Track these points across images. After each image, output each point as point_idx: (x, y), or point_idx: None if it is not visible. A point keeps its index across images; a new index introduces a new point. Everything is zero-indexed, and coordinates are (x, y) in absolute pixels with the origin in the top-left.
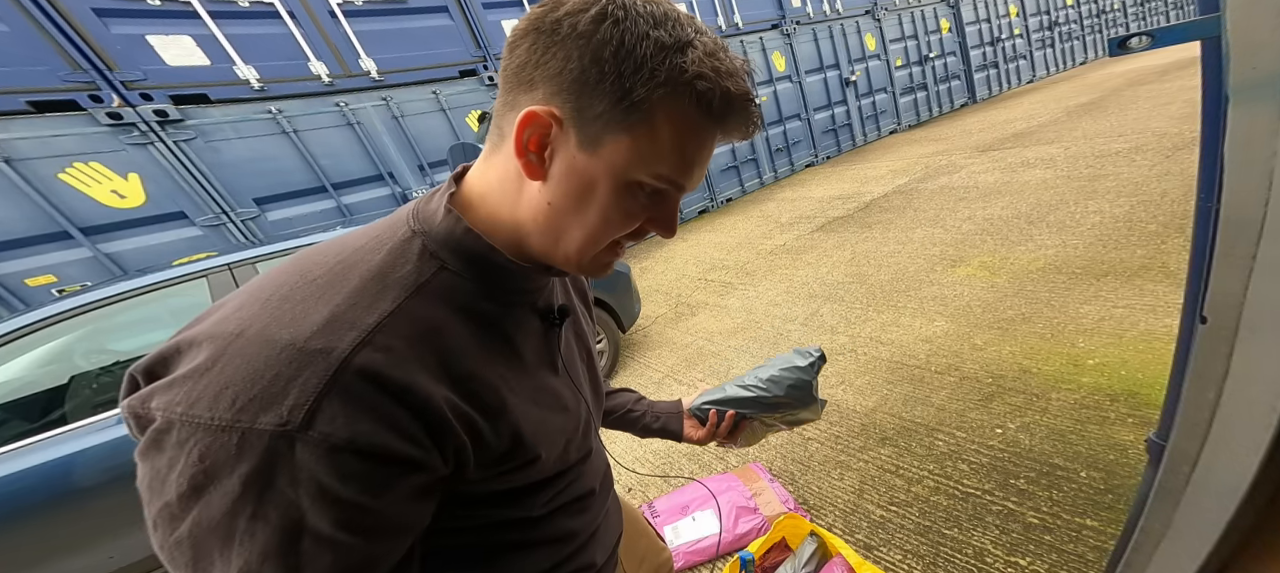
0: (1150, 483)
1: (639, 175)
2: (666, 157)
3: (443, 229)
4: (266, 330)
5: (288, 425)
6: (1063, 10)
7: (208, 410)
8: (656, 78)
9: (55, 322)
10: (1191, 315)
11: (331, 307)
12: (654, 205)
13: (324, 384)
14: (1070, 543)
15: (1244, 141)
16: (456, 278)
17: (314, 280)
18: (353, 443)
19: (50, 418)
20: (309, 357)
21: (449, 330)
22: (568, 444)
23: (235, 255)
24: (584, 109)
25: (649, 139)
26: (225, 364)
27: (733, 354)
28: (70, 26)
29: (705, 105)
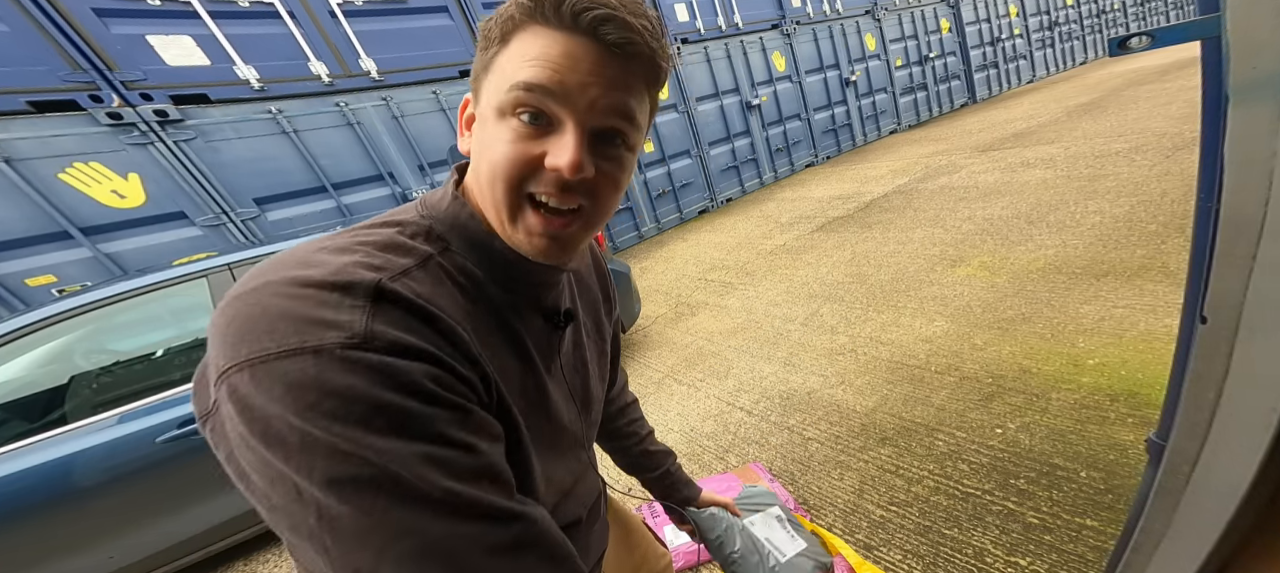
0: (1150, 483)
1: (500, 98)
2: (515, 67)
3: (448, 213)
4: (290, 275)
5: (353, 338)
6: (1063, 10)
7: (270, 341)
8: (507, 12)
9: (55, 322)
10: (1191, 315)
11: (350, 258)
12: (542, 135)
13: (367, 305)
14: (1070, 543)
15: (1244, 141)
16: (460, 257)
17: (325, 247)
18: (413, 348)
19: (50, 418)
20: (343, 287)
21: (454, 303)
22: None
23: (235, 255)
24: (475, 75)
25: (503, 65)
26: (263, 306)
27: (733, 354)
28: (70, 26)
29: (539, 6)
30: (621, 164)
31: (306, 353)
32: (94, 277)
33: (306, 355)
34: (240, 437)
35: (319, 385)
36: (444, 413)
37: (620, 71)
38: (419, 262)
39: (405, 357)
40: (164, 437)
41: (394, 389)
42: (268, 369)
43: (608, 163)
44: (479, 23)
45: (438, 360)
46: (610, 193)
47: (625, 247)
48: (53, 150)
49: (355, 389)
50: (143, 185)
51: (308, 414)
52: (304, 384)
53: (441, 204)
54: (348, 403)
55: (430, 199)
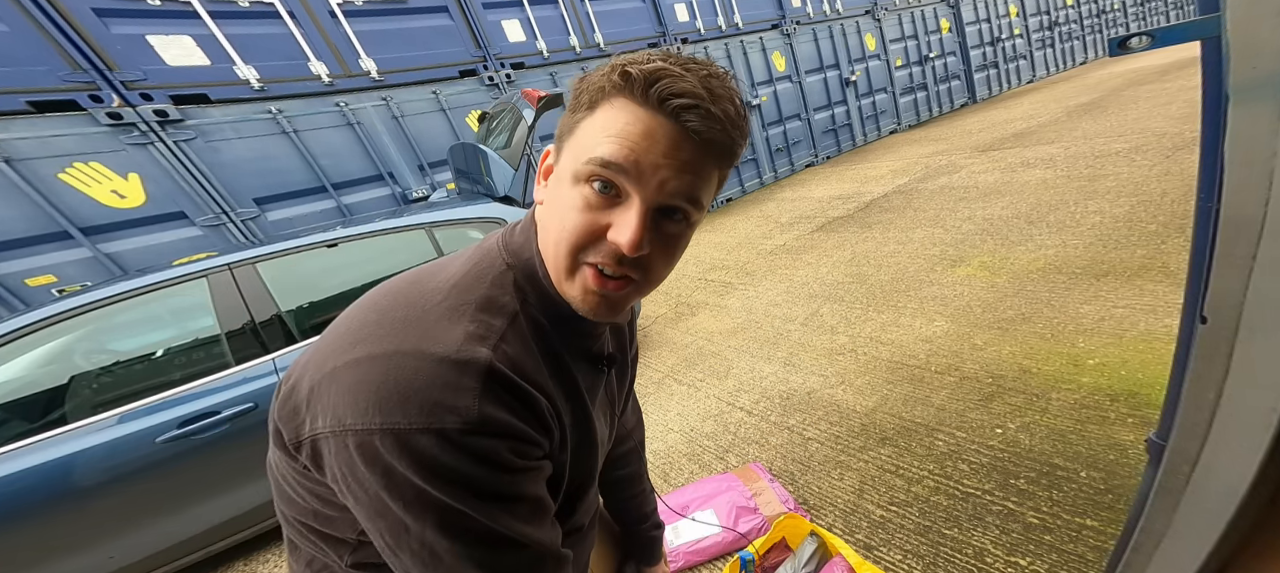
0: (1150, 483)
1: (578, 165)
2: (596, 139)
3: (528, 266)
4: (420, 347)
5: (468, 424)
6: (1063, 10)
7: (402, 417)
8: (600, 82)
9: (55, 322)
10: (1191, 315)
11: (464, 329)
12: (608, 207)
13: (479, 387)
14: (1070, 543)
15: (1244, 141)
16: (534, 312)
17: (439, 306)
18: (508, 428)
19: (50, 418)
20: (462, 366)
21: (534, 353)
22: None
23: (235, 255)
24: (560, 133)
25: (587, 132)
26: (395, 378)
27: (733, 354)
28: (70, 26)
29: (629, 84)
30: (679, 238)
31: (432, 433)
32: (94, 277)
33: (432, 435)
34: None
35: (439, 461)
36: (521, 477)
37: (694, 156)
38: (509, 320)
39: (499, 436)
40: (164, 437)
41: (490, 466)
42: (398, 440)
43: (665, 236)
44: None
45: (524, 436)
46: (663, 264)
47: None
48: (53, 150)
49: (463, 468)
50: (143, 185)
51: (427, 479)
52: (427, 458)
53: (523, 253)
54: (459, 474)
55: (514, 243)
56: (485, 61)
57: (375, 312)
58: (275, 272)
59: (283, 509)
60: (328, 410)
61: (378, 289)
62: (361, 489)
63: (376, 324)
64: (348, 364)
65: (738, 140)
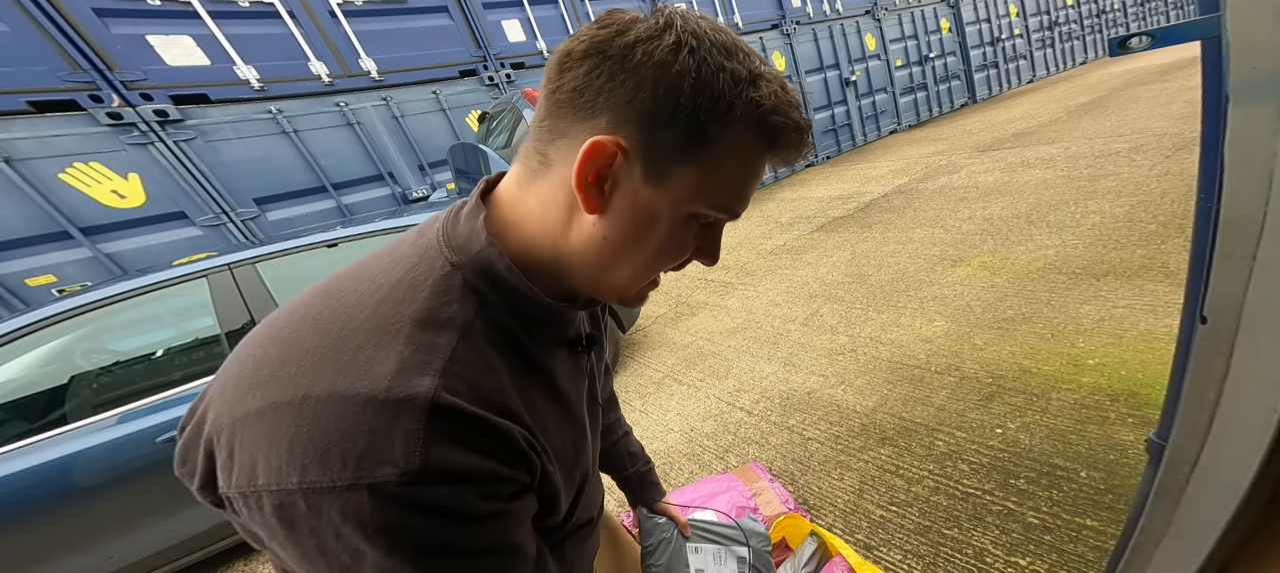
0: (1150, 483)
1: (700, 207)
2: (727, 187)
3: (482, 261)
4: (336, 390)
5: (407, 475)
6: (1063, 10)
7: (322, 474)
8: (733, 112)
9: (55, 322)
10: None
11: (397, 356)
12: (703, 235)
13: (423, 429)
14: (1070, 543)
15: (1244, 141)
16: (497, 313)
17: (360, 327)
18: (463, 472)
19: (50, 418)
20: (396, 405)
21: (497, 368)
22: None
23: (235, 255)
24: (654, 142)
25: (714, 171)
26: (309, 429)
27: (733, 354)
28: (70, 26)
29: (769, 137)
30: None
31: (361, 490)
32: (94, 277)
33: (361, 491)
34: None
35: (375, 522)
36: (490, 525)
37: None
38: (461, 334)
39: (456, 482)
40: (164, 437)
41: (445, 518)
42: (320, 500)
43: None
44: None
45: (486, 476)
46: None
47: None
48: (53, 150)
49: (409, 526)
50: (143, 185)
51: (368, 542)
52: (361, 520)
53: (471, 246)
54: (402, 536)
55: (456, 237)
56: (485, 61)
57: (277, 344)
58: (275, 272)
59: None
60: (236, 467)
61: (281, 311)
62: (290, 551)
63: (280, 361)
64: (249, 416)
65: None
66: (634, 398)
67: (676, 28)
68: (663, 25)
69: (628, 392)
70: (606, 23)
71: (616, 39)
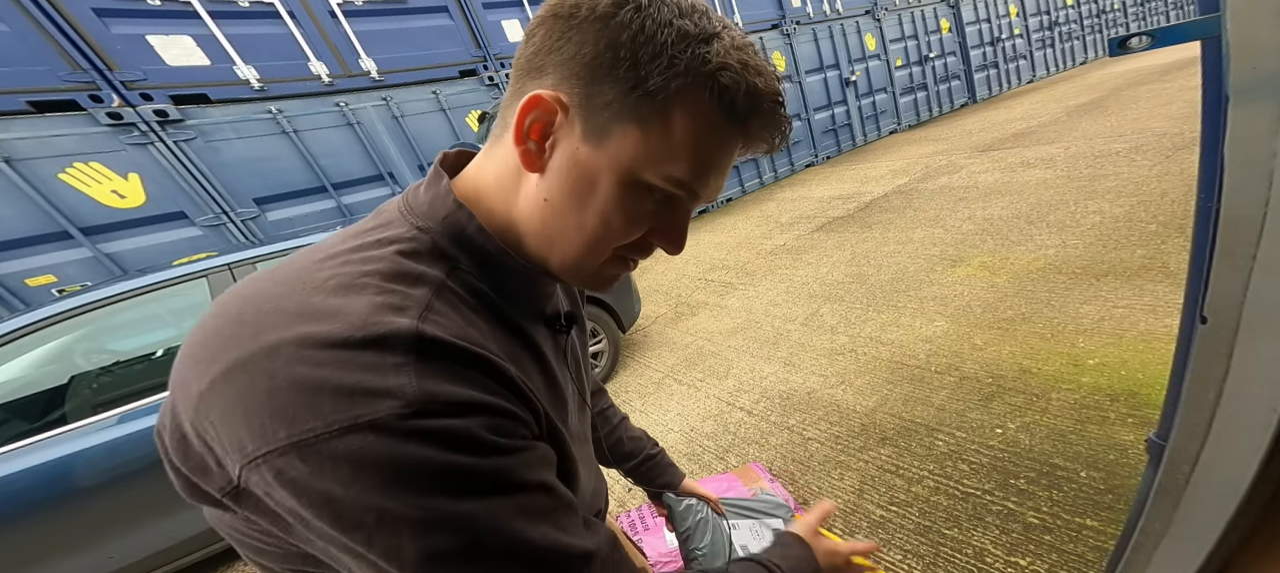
0: (1150, 483)
1: (647, 174)
2: (679, 156)
3: (451, 225)
4: (305, 333)
5: (410, 406)
6: (1063, 10)
7: (314, 420)
8: (676, 66)
9: (55, 322)
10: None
11: (368, 299)
12: (661, 213)
13: (411, 362)
14: (1070, 543)
15: (1244, 141)
16: (470, 277)
17: (323, 286)
18: (470, 402)
19: (50, 418)
20: (378, 340)
21: (480, 329)
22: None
23: (235, 255)
24: (593, 96)
25: (661, 134)
26: (286, 376)
27: (733, 354)
28: (70, 26)
29: (727, 103)
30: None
31: (363, 429)
32: (94, 277)
33: (364, 432)
34: (302, 520)
35: (389, 462)
36: (513, 460)
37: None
38: (434, 289)
39: (465, 414)
40: None
41: (463, 450)
42: (321, 450)
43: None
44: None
45: (494, 409)
46: None
47: None
48: (53, 150)
49: (427, 460)
50: (143, 185)
51: (385, 492)
52: (371, 463)
53: (438, 212)
54: (423, 475)
55: (418, 205)
56: (485, 61)
57: (225, 317)
58: None
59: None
60: (226, 445)
61: (224, 295)
62: (308, 529)
63: (236, 321)
64: (214, 384)
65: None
66: (634, 398)
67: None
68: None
69: (628, 392)
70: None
71: (567, 1)
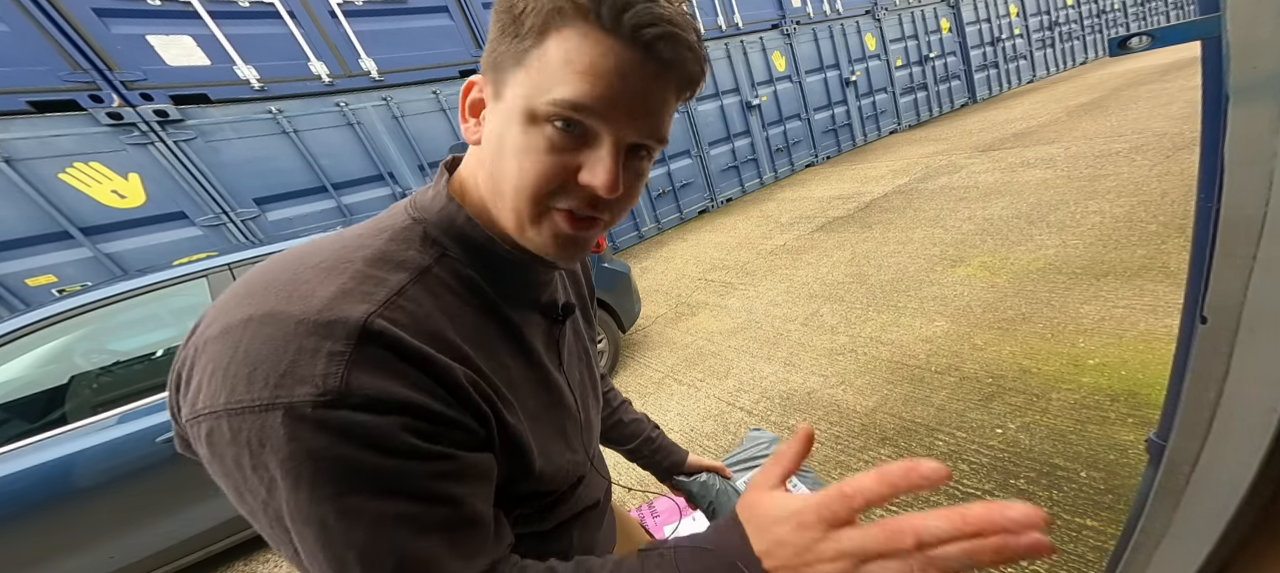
0: (1150, 483)
1: (536, 105)
2: (560, 77)
3: (443, 216)
4: (275, 310)
5: (325, 395)
6: (1063, 10)
7: (246, 393)
8: (546, 3)
9: (55, 322)
10: (1191, 315)
11: (338, 285)
12: (576, 147)
13: (348, 352)
14: (1070, 543)
15: (1244, 141)
16: (459, 264)
17: (316, 265)
18: (392, 401)
19: (50, 418)
20: (325, 327)
21: (455, 316)
22: (568, 450)
23: (235, 255)
24: (495, 62)
25: (540, 65)
26: (245, 348)
27: (733, 354)
28: (70, 26)
29: (595, 11)
30: (643, 173)
31: (278, 409)
32: (94, 277)
33: (277, 411)
34: (220, 475)
35: (286, 448)
36: (421, 466)
37: (663, 88)
38: (415, 276)
39: (382, 412)
40: (164, 437)
41: (366, 448)
42: (240, 422)
43: (633, 172)
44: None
45: (420, 410)
46: (631, 200)
47: (625, 247)
48: (53, 150)
49: (322, 451)
50: (143, 185)
51: (278, 472)
52: (272, 444)
53: (434, 205)
54: (314, 465)
55: (421, 199)
56: None
57: (244, 282)
58: None
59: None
60: (187, 396)
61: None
62: (223, 487)
63: (243, 293)
64: (208, 341)
65: (703, 71)
66: (634, 398)
67: None
68: None
69: (628, 391)
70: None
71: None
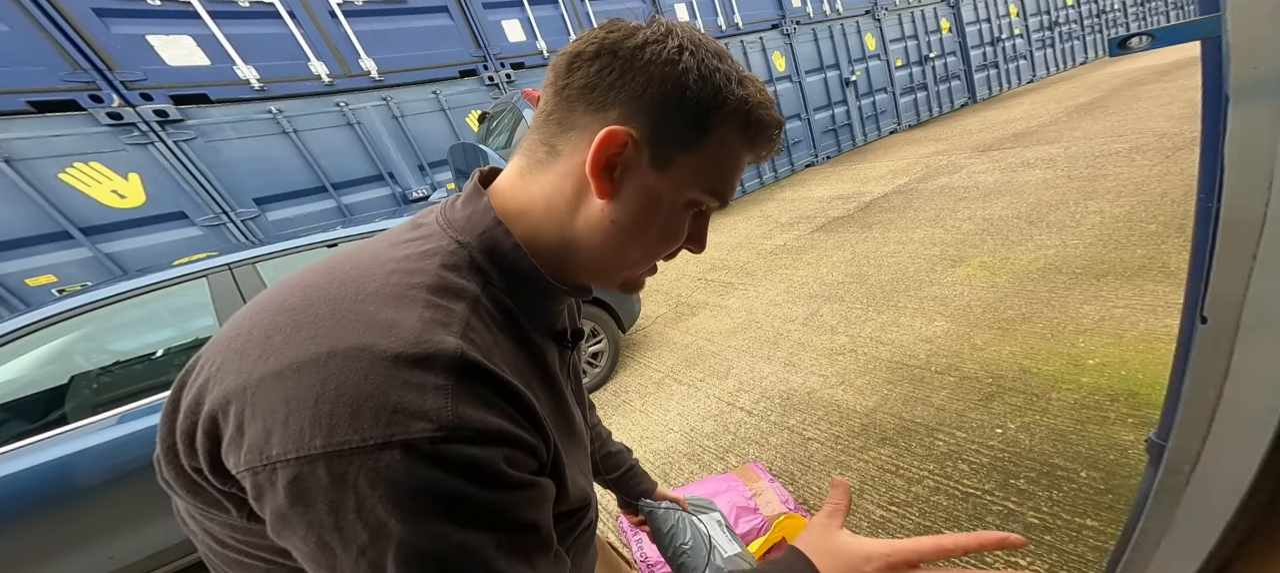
0: (1150, 483)
1: (696, 192)
2: (718, 174)
3: (487, 241)
4: (363, 344)
5: (441, 430)
6: (1063, 10)
7: (352, 433)
8: (727, 106)
9: (55, 322)
10: (1191, 315)
11: (418, 313)
12: (695, 223)
13: (450, 384)
14: (1070, 543)
15: (1244, 141)
16: (500, 293)
17: (377, 294)
18: (495, 432)
19: (50, 418)
20: (425, 360)
21: (503, 345)
22: (582, 474)
23: (235, 255)
24: (661, 131)
25: (711, 159)
26: (337, 385)
27: (733, 354)
28: (70, 26)
29: (754, 130)
30: None
31: (395, 447)
32: (94, 277)
33: (395, 450)
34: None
35: (408, 484)
36: (516, 495)
37: None
38: (471, 305)
39: (487, 443)
40: None
41: (476, 481)
42: (346, 464)
43: None
44: (678, 71)
45: (515, 441)
46: None
47: None
48: (53, 150)
49: (442, 486)
50: (143, 185)
51: (393, 509)
52: (392, 480)
53: (475, 226)
54: (434, 500)
55: (456, 218)
56: (485, 61)
57: (285, 312)
58: (275, 272)
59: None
60: (246, 440)
61: (280, 285)
62: (298, 538)
63: (294, 325)
64: (266, 379)
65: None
66: (634, 398)
67: (677, 34)
68: (665, 31)
69: (628, 392)
70: (614, 28)
71: (625, 42)
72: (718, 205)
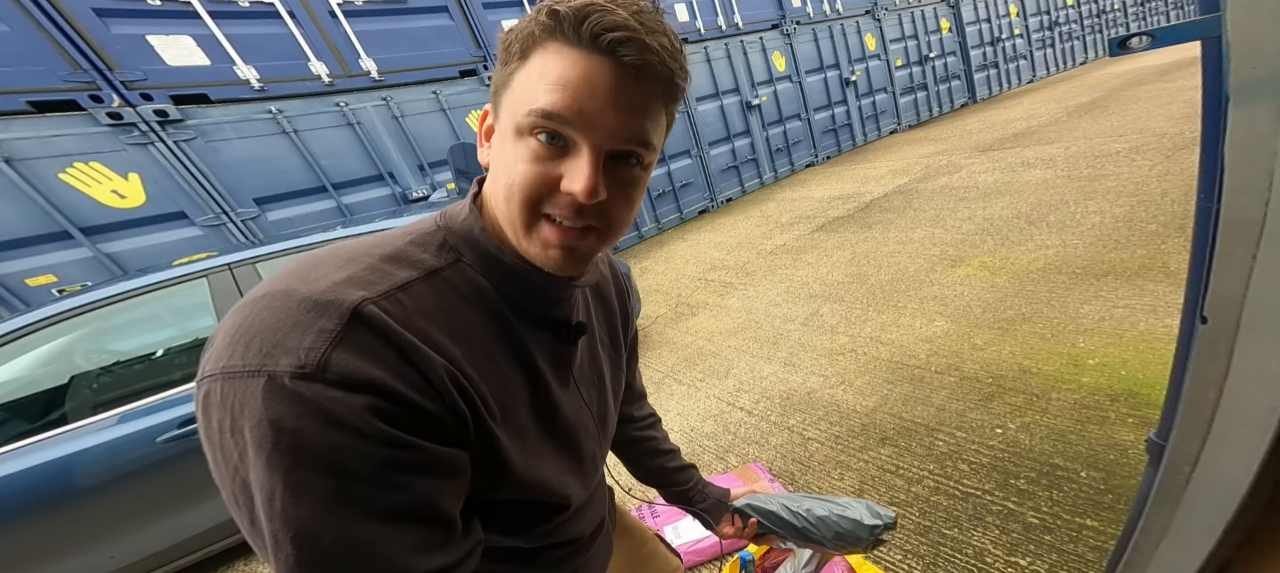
0: (1150, 483)
1: (519, 118)
2: (535, 90)
3: (464, 225)
4: (288, 288)
5: (303, 368)
6: (1063, 10)
7: (241, 359)
8: (527, 28)
9: (55, 322)
10: (1191, 315)
11: (348, 273)
12: (557, 157)
13: (336, 330)
14: (1070, 543)
15: (1244, 141)
16: (472, 271)
17: (338, 256)
18: (364, 381)
19: (50, 418)
20: (322, 306)
21: (457, 316)
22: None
23: (235, 255)
24: (494, 88)
25: (522, 84)
26: (251, 319)
27: (733, 354)
28: (70, 26)
29: (565, 27)
30: (635, 182)
31: (261, 376)
32: (94, 277)
33: (261, 378)
34: (202, 437)
35: (262, 416)
36: (381, 451)
37: (638, 95)
38: (422, 275)
39: (353, 390)
40: (164, 437)
41: (329, 424)
42: (228, 386)
43: (621, 182)
44: (499, 33)
45: (391, 395)
46: (624, 210)
47: (625, 247)
48: (53, 150)
49: (288, 421)
50: (143, 185)
51: (250, 441)
52: (249, 408)
53: (459, 216)
54: (277, 434)
55: (451, 210)
56: (485, 61)
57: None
58: (275, 272)
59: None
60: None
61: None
62: (208, 452)
63: (275, 276)
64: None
65: (677, 72)
66: None
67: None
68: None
69: None
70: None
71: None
72: (564, 129)
